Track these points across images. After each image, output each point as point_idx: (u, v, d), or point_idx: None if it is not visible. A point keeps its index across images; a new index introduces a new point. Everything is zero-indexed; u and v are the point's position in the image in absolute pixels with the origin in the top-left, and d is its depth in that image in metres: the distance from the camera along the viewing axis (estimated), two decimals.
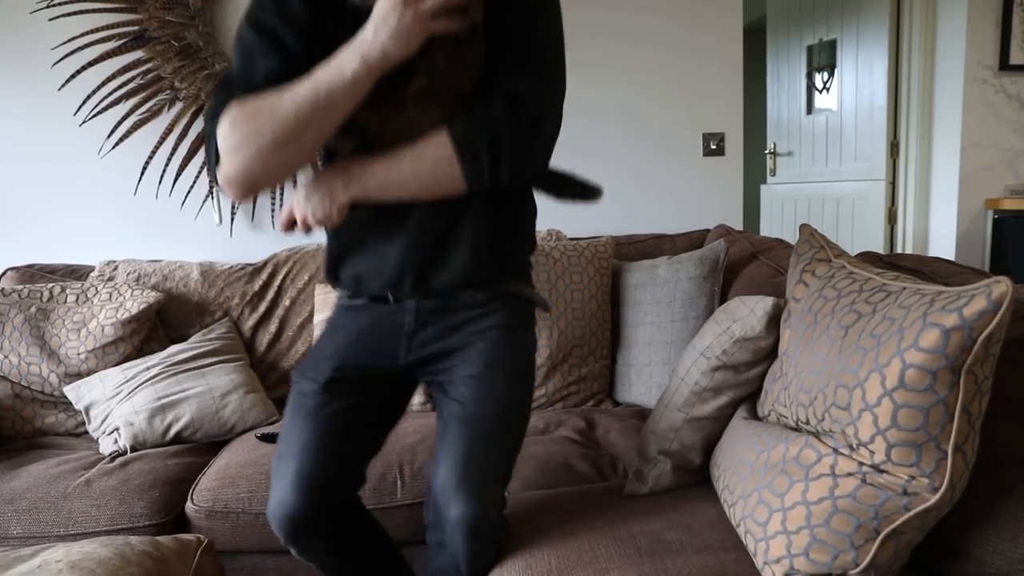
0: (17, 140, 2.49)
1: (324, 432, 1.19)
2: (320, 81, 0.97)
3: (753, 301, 1.30)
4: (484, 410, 1.16)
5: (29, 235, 2.53)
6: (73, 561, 1.09)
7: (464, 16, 0.99)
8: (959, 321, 0.88)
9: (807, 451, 1.06)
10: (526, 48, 1.08)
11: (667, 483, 1.38)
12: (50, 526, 1.58)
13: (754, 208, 4.35)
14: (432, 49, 0.99)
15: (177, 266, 2.30)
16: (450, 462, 1.13)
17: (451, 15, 0.97)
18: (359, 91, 0.99)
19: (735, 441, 1.26)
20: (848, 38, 3.51)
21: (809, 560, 0.99)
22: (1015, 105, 3.04)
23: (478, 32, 1.03)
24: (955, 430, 0.91)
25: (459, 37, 1.01)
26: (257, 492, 1.63)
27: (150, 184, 2.49)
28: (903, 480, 0.95)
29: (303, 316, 2.26)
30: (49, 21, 2.37)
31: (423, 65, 1.00)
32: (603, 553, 1.15)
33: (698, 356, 1.33)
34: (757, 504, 1.08)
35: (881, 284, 1.06)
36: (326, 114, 0.98)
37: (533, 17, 1.09)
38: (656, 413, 1.42)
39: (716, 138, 2.67)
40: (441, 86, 1.03)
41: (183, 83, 2.37)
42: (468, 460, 1.13)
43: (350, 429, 1.22)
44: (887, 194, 3.36)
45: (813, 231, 1.29)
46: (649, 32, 2.58)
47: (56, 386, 2.02)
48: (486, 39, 1.05)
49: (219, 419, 1.93)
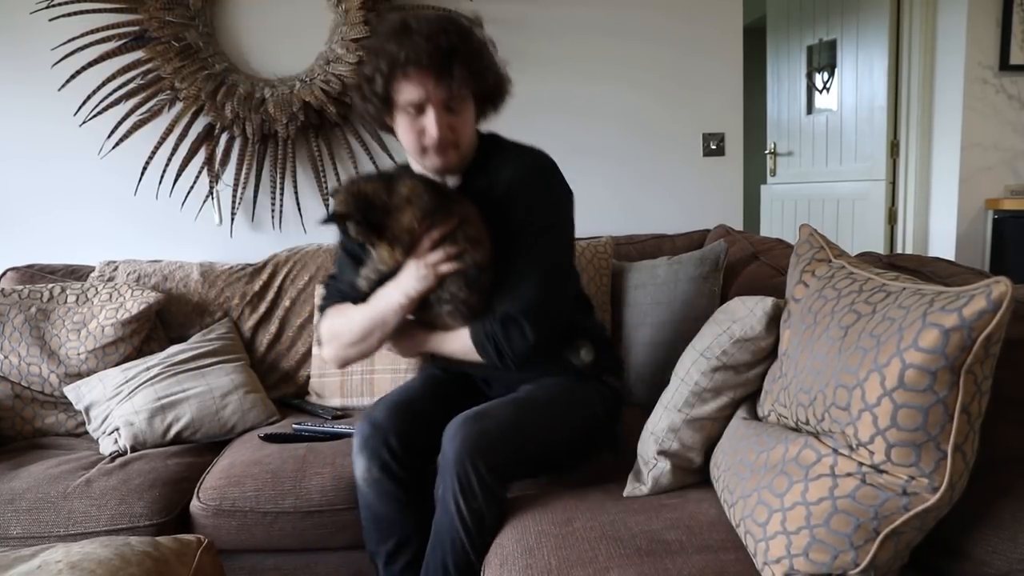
0: (17, 140, 2.49)
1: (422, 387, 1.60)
2: (377, 308, 1.44)
3: (753, 301, 1.30)
4: (511, 399, 1.44)
5: (29, 235, 2.53)
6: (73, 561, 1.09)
7: (463, 260, 1.37)
8: (959, 321, 0.88)
9: (807, 451, 1.06)
10: (525, 263, 1.40)
11: (667, 484, 1.38)
12: (50, 526, 1.58)
13: (754, 208, 4.35)
14: (448, 282, 1.40)
15: (177, 266, 2.30)
16: (465, 413, 1.36)
17: (452, 261, 1.37)
18: (404, 313, 1.43)
19: (735, 441, 1.26)
20: (848, 38, 3.51)
21: (809, 560, 0.99)
22: (1015, 105, 3.04)
23: (484, 267, 1.39)
24: (955, 430, 0.91)
25: (468, 274, 1.38)
26: (263, 491, 1.63)
27: (150, 184, 2.49)
28: (903, 480, 0.95)
29: (303, 316, 2.26)
30: (49, 21, 2.36)
31: (447, 294, 1.41)
32: (603, 553, 1.15)
33: (698, 356, 1.33)
34: (757, 504, 1.08)
35: (881, 284, 1.06)
36: (382, 328, 1.45)
37: (531, 227, 1.41)
38: (656, 414, 1.42)
39: (716, 138, 2.67)
40: (460, 305, 1.42)
41: (183, 83, 2.37)
42: (481, 413, 1.36)
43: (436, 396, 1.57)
44: (887, 194, 3.37)
45: (813, 231, 1.29)
46: (649, 32, 2.58)
47: (56, 386, 2.02)
48: (494, 239, 1.41)
49: (219, 419, 1.93)
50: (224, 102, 2.39)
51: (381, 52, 1.32)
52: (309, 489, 1.63)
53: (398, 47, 1.29)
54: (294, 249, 2.38)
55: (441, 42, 1.29)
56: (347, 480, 1.63)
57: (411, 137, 1.37)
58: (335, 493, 1.63)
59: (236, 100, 2.39)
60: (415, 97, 1.32)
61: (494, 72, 1.42)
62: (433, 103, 1.33)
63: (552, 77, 2.58)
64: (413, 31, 1.29)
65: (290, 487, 1.64)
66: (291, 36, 2.48)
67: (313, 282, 2.28)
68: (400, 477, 1.44)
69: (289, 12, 2.48)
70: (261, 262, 2.35)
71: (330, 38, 2.46)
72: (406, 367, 2.04)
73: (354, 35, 2.38)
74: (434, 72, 1.30)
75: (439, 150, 1.37)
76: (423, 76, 1.30)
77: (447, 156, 1.39)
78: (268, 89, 2.42)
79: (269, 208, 2.54)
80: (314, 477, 1.65)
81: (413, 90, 1.31)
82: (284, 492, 1.63)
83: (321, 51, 2.46)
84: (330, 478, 1.65)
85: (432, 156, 1.38)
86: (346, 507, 1.62)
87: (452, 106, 1.36)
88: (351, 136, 2.52)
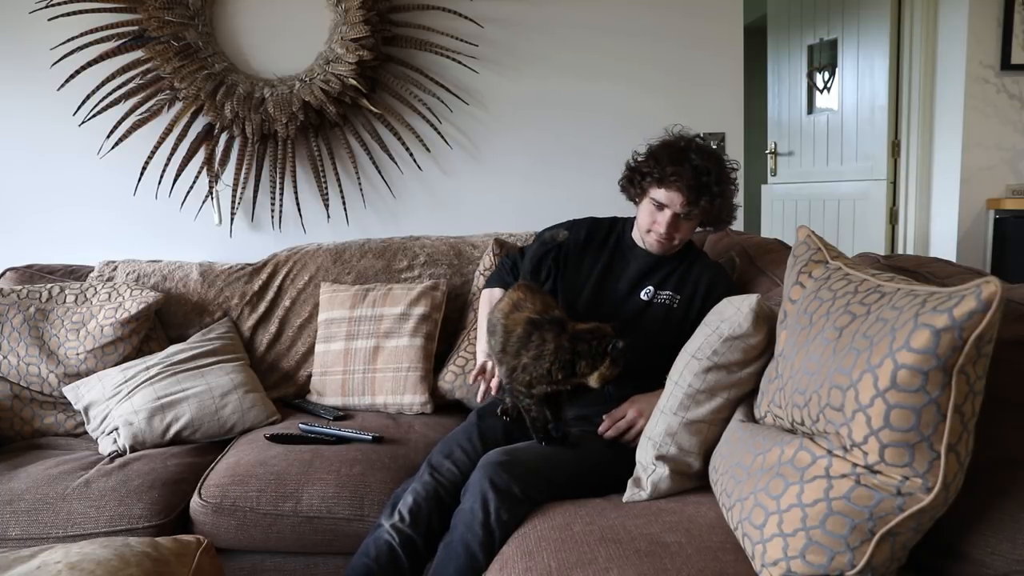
0: (17, 140, 2.50)
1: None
2: (484, 310, 1.85)
3: (739, 300, 1.31)
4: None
5: (28, 235, 2.54)
6: (72, 562, 1.09)
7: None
8: (949, 321, 0.88)
9: (802, 453, 1.06)
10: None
11: (666, 489, 1.37)
12: (49, 527, 1.58)
13: (755, 208, 4.35)
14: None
15: (176, 266, 2.31)
16: (495, 450, 1.49)
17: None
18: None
19: (732, 444, 1.26)
20: (849, 38, 3.50)
21: (806, 562, 0.99)
22: (1016, 105, 3.03)
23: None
24: (948, 430, 0.90)
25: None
26: (266, 492, 1.63)
27: (149, 184, 2.49)
28: (897, 480, 0.94)
29: (303, 316, 2.26)
30: (48, 21, 2.37)
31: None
32: (602, 555, 1.15)
33: (689, 359, 1.33)
34: (754, 507, 1.08)
35: (876, 285, 1.06)
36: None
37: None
38: (652, 419, 1.42)
39: (717, 138, 2.66)
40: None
41: (182, 83, 2.37)
42: (512, 448, 1.49)
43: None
44: (888, 194, 3.36)
45: (811, 232, 1.29)
46: (650, 32, 2.58)
47: (55, 386, 2.03)
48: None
49: (219, 419, 1.93)
50: (224, 102, 2.39)
51: (661, 159, 1.67)
52: (311, 494, 1.63)
53: (671, 166, 1.64)
54: (294, 249, 2.38)
55: (702, 178, 1.63)
56: (350, 489, 1.64)
57: (645, 221, 1.72)
58: (336, 501, 1.63)
59: (236, 100, 2.39)
60: (662, 200, 1.67)
61: (727, 207, 1.73)
62: (672, 210, 1.66)
63: (552, 77, 2.58)
64: (689, 159, 1.65)
65: (292, 490, 1.64)
66: (291, 36, 2.49)
67: (313, 282, 2.28)
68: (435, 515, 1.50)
69: (289, 12, 2.49)
70: (261, 262, 2.36)
71: (330, 38, 2.46)
72: (408, 367, 2.05)
73: (354, 35, 2.38)
74: (685, 195, 1.64)
75: (660, 240, 1.71)
76: (677, 193, 1.64)
77: (663, 246, 1.73)
78: (268, 89, 2.42)
79: (269, 208, 2.54)
80: (317, 483, 1.65)
81: (664, 195, 1.66)
82: (286, 495, 1.63)
83: (321, 51, 2.46)
84: (333, 485, 1.65)
85: (652, 240, 1.73)
86: (346, 516, 1.62)
87: (683, 217, 1.68)
88: (351, 136, 2.52)
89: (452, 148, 2.60)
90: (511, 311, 1.52)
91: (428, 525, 1.47)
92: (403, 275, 2.27)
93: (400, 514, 1.48)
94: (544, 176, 2.63)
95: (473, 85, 2.56)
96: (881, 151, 3.36)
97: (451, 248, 2.32)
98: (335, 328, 2.14)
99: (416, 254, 2.30)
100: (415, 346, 2.07)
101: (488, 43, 2.54)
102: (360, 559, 1.48)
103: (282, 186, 2.50)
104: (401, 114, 2.54)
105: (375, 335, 2.10)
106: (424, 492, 1.50)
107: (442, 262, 2.29)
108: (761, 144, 4.20)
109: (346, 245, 2.35)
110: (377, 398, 2.07)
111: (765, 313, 1.28)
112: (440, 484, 1.51)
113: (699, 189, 1.63)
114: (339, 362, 2.11)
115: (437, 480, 1.52)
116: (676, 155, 1.66)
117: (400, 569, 1.45)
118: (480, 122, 2.60)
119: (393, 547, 1.45)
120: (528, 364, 1.44)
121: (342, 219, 2.58)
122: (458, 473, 1.53)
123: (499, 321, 1.54)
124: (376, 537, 1.49)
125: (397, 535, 1.46)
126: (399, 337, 2.08)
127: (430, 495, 1.49)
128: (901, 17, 3.23)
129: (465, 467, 1.53)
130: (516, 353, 1.46)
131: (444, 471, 1.54)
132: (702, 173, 1.63)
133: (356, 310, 2.14)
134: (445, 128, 2.58)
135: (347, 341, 2.11)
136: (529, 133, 2.61)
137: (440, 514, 1.48)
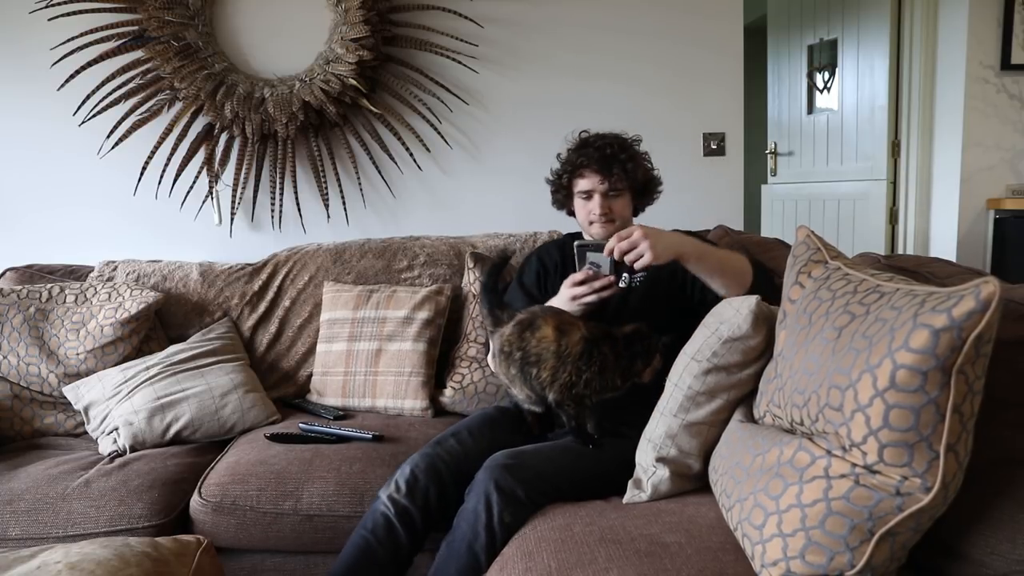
0: (17, 140, 2.50)
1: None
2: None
3: (738, 301, 1.31)
4: (549, 444, 1.59)
5: (28, 235, 2.54)
6: (72, 562, 1.10)
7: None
8: (948, 322, 0.88)
9: (801, 454, 1.06)
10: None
11: (666, 491, 1.37)
12: (49, 527, 1.58)
13: (755, 208, 4.35)
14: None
15: (176, 266, 2.31)
16: (500, 452, 1.49)
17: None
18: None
19: (731, 445, 1.26)
20: (849, 37, 3.50)
21: (805, 563, 0.99)
22: (1016, 105, 3.03)
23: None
24: (947, 430, 0.90)
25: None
26: (266, 490, 1.63)
27: (149, 184, 2.49)
28: (895, 480, 0.94)
29: (303, 316, 2.26)
30: (48, 21, 2.37)
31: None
32: (602, 555, 1.16)
33: (689, 361, 1.33)
34: (753, 507, 1.08)
35: (875, 285, 1.06)
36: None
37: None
38: (652, 421, 1.42)
39: (717, 138, 2.67)
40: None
41: (182, 83, 2.37)
42: (517, 452, 1.50)
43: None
44: (888, 194, 3.36)
45: (810, 232, 1.29)
46: (650, 32, 2.58)
47: (55, 386, 2.03)
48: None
49: (219, 419, 1.93)
50: (224, 102, 2.39)
51: (569, 157, 1.84)
52: (311, 493, 1.63)
53: (577, 155, 1.80)
54: (294, 249, 2.38)
55: (607, 151, 1.77)
56: (350, 487, 1.64)
57: (583, 215, 1.83)
58: (336, 499, 1.63)
59: (236, 100, 2.39)
60: (585, 187, 1.79)
61: (644, 172, 1.85)
62: (597, 192, 1.77)
63: (552, 77, 2.58)
64: (590, 143, 1.80)
65: (292, 489, 1.64)
66: (291, 36, 2.49)
67: (313, 282, 2.28)
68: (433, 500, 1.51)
69: (289, 12, 2.49)
70: (261, 262, 2.35)
71: (330, 38, 2.46)
72: (410, 372, 2.05)
73: (354, 35, 2.38)
74: (599, 171, 1.76)
75: (602, 224, 1.78)
76: (593, 173, 1.77)
77: (607, 229, 1.77)
78: (268, 89, 2.43)
79: (269, 208, 2.54)
80: (317, 481, 1.65)
81: (584, 183, 1.79)
82: (286, 493, 1.63)
83: (321, 51, 2.47)
84: (333, 483, 1.65)
85: (597, 230, 1.80)
86: (347, 514, 1.62)
87: (611, 195, 1.78)
88: (351, 136, 2.53)
89: (452, 148, 2.60)
90: (559, 337, 1.54)
91: (425, 497, 1.49)
92: (403, 275, 2.27)
93: (396, 484, 1.50)
94: (544, 176, 2.62)
95: (473, 85, 2.56)
96: (881, 151, 3.36)
97: (451, 248, 2.32)
98: (337, 328, 2.14)
99: (416, 254, 2.30)
100: (418, 351, 2.07)
101: (488, 43, 2.54)
102: (359, 532, 1.50)
103: (282, 186, 2.50)
104: (401, 114, 2.54)
105: (378, 337, 2.10)
106: (423, 463, 1.52)
107: (442, 262, 2.29)
108: (761, 144, 4.20)
109: (346, 245, 2.35)
110: (378, 401, 2.07)
111: (765, 314, 1.28)
112: (439, 457, 1.54)
113: (608, 161, 1.76)
114: (341, 363, 2.11)
115: (437, 453, 1.55)
116: (579, 146, 1.83)
117: (397, 542, 1.47)
118: (480, 122, 2.60)
119: (389, 519, 1.47)
120: (591, 379, 1.49)
121: (342, 219, 2.58)
122: (460, 450, 1.56)
123: (549, 350, 1.53)
124: (373, 510, 1.50)
125: (393, 506, 1.48)
126: (402, 341, 2.08)
127: (428, 466, 1.52)
128: (901, 17, 3.23)
129: (468, 446, 1.58)
130: (577, 371, 1.51)
131: (447, 446, 1.57)
132: (606, 147, 1.78)
133: (359, 311, 2.14)
134: (445, 128, 2.58)
135: (349, 342, 2.11)
136: (529, 133, 2.61)
137: (437, 487, 1.50)
